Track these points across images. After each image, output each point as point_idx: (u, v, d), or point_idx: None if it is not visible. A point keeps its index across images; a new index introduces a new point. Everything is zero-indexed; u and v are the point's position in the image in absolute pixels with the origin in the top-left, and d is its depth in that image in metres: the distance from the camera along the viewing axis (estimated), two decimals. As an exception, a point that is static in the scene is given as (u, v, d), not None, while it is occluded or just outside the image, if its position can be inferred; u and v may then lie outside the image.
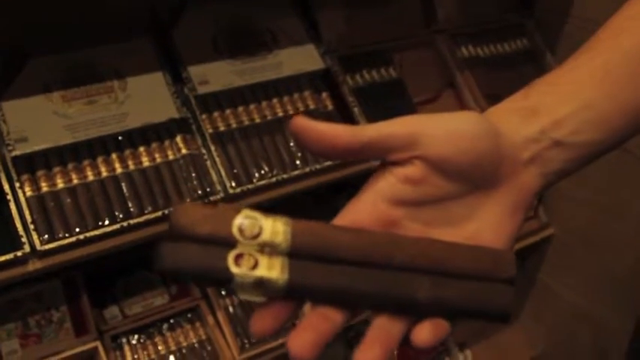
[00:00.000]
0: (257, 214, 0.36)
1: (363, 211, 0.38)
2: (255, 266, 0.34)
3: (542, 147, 0.40)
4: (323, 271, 0.36)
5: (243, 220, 0.35)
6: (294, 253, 0.36)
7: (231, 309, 1.13)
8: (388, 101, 1.15)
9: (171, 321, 1.10)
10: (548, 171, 0.40)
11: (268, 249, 0.35)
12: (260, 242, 0.35)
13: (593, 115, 0.40)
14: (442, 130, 0.38)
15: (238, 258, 0.35)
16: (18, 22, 0.91)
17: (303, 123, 0.38)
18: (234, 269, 0.34)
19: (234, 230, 0.35)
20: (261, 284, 0.34)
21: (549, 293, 1.47)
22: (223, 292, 1.13)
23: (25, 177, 0.86)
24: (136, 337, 1.07)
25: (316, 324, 0.35)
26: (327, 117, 1.07)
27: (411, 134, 0.38)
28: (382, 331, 0.36)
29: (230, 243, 0.35)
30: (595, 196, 1.31)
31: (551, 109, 0.40)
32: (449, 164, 0.38)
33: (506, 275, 0.38)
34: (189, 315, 1.12)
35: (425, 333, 0.36)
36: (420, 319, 0.36)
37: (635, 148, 1.19)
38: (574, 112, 0.40)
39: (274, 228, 0.36)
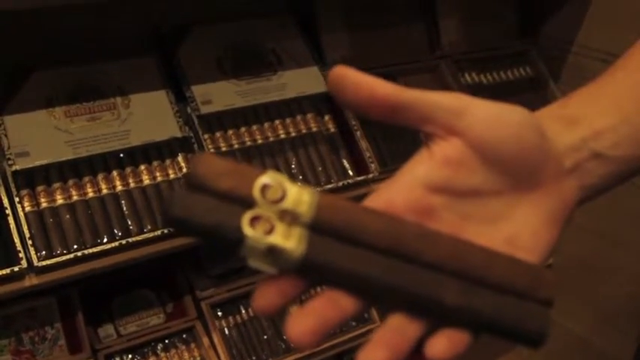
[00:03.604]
0: (283, 179, 0.33)
1: (398, 194, 0.36)
2: (270, 232, 0.31)
3: (582, 157, 0.38)
4: (344, 252, 0.32)
5: (268, 181, 0.32)
6: (315, 228, 0.32)
7: (226, 330, 1.12)
8: (391, 125, 1.14)
9: (166, 341, 1.09)
10: (585, 184, 0.39)
11: (289, 218, 0.32)
12: (281, 208, 0.32)
13: (631, 130, 0.39)
14: (488, 113, 0.36)
15: (254, 220, 0.31)
16: (23, 37, 0.91)
17: (342, 70, 0.36)
18: (247, 230, 0.31)
19: (256, 190, 0.32)
20: (273, 252, 0.31)
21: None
22: (219, 313, 1.12)
23: (24, 192, 0.85)
24: (129, 356, 1.06)
25: (323, 309, 0.32)
26: (329, 140, 1.07)
27: (456, 107, 0.36)
28: (394, 332, 0.32)
29: (249, 203, 0.32)
30: (595, 223, 1.30)
31: (592, 119, 0.39)
32: (491, 150, 0.35)
33: (544, 295, 0.34)
34: (184, 335, 1.11)
35: (441, 345, 0.32)
36: (440, 327, 0.32)
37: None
38: (614, 125, 0.39)
39: (299, 196, 0.32)
